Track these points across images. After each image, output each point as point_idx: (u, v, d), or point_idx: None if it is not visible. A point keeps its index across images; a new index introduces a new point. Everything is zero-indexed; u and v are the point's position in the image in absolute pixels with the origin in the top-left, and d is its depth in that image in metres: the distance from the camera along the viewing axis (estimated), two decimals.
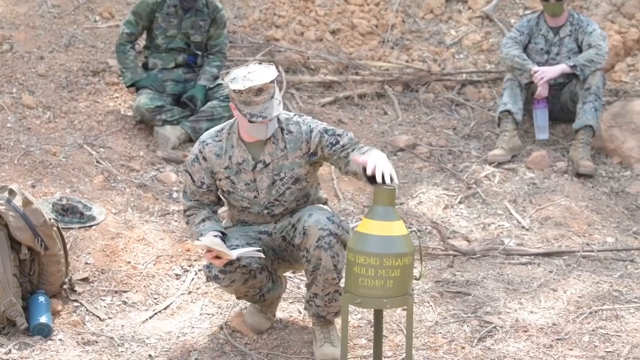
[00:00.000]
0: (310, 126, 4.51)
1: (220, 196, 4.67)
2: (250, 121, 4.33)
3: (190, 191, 4.62)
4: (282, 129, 4.50)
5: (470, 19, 9.12)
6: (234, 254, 4.36)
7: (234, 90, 4.33)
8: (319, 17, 8.90)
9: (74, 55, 7.68)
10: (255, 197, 4.56)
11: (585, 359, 4.70)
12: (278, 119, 4.49)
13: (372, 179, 4.20)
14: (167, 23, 7.08)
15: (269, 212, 4.61)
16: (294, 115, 4.57)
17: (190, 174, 4.59)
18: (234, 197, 4.59)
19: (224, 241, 4.45)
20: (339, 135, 4.48)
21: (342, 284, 4.50)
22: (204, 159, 4.54)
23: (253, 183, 4.53)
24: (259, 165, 4.50)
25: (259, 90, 4.29)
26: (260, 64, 4.44)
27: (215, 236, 4.46)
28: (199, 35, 7.14)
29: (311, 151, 4.51)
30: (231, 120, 4.60)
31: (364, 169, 4.21)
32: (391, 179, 4.17)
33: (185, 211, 4.69)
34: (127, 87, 7.17)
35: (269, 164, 4.50)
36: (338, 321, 4.66)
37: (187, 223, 4.69)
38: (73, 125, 6.92)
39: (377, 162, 4.18)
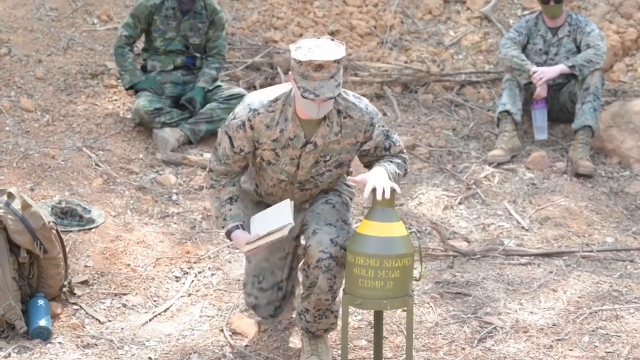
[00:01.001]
0: (372, 118, 4.33)
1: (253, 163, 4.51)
2: (302, 95, 4.10)
3: (224, 153, 4.39)
4: (339, 111, 4.29)
5: (468, 20, 9.12)
6: (288, 220, 4.31)
7: (294, 59, 4.10)
8: (317, 18, 8.90)
9: (72, 58, 7.67)
10: (295, 171, 4.41)
11: (586, 359, 4.69)
12: (336, 100, 4.27)
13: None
14: (166, 25, 7.07)
15: (301, 187, 4.48)
16: (356, 98, 4.35)
17: (231, 138, 4.34)
18: (272, 169, 4.42)
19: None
20: (394, 142, 4.40)
21: (336, 302, 4.47)
22: (251, 127, 4.30)
23: (297, 159, 4.36)
24: (309, 145, 4.31)
25: (319, 66, 4.05)
26: (332, 39, 4.19)
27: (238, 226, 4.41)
28: (198, 38, 7.14)
29: (365, 144, 4.37)
30: (287, 91, 4.33)
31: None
32: (393, 190, 4.15)
33: (210, 172, 4.47)
34: (126, 89, 7.17)
35: (319, 146, 4.32)
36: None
37: (209, 187, 4.48)
38: (72, 128, 6.92)
39: (376, 182, 4.15)
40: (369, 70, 8.34)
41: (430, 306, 5.28)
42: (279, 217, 4.37)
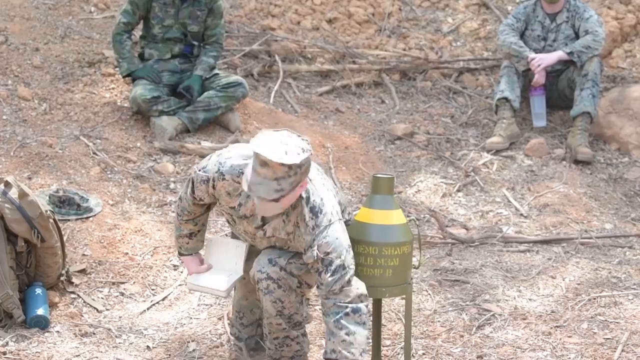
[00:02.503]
0: (314, 241, 3.95)
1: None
2: (244, 186, 3.87)
3: (187, 193, 4.24)
4: (299, 213, 4.01)
5: (467, 7, 9.10)
6: (222, 287, 4.34)
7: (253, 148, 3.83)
8: (315, 5, 8.87)
9: (70, 46, 7.65)
10: (252, 240, 4.26)
11: (584, 346, 4.69)
12: (302, 205, 3.99)
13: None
14: (164, 13, 7.05)
15: (268, 241, 4.26)
16: (316, 212, 3.98)
17: (193, 185, 4.17)
18: (232, 228, 4.34)
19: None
20: (327, 269, 3.94)
21: (298, 329, 4.23)
22: (213, 187, 4.11)
23: (252, 235, 4.20)
24: (260, 232, 4.12)
25: (264, 163, 3.77)
26: (299, 137, 3.89)
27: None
28: (196, 26, 7.11)
29: (304, 258, 4.05)
30: None
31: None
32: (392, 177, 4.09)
33: (179, 200, 4.33)
34: (124, 77, 7.15)
35: (271, 237, 4.12)
36: None
37: (175, 212, 4.39)
38: (69, 117, 6.90)
39: None
40: (367, 57, 8.32)
41: (429, 294, 5.28)
42: (229, 262, 4.38)
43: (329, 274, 3.93)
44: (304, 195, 3.98)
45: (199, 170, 4.16)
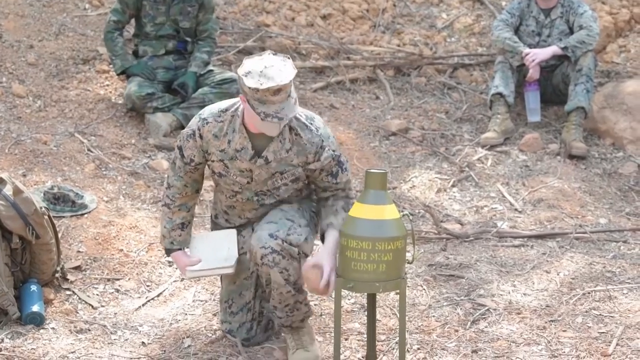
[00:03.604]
0: (322, 141, 4.29)
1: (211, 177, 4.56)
2: (264, 120, 4.06)
3: (179, 166, 4.42)
4: (290, 128, 4.27)
5: (461, 2, 9.10)
6: (229, 263, 4.51)
7: (248, 87, 4.03)
8: (309, 2, 8.87)
9: (64, 43, 7.64)
10: (248, 183, 4.40)
11: (579, 340, 4.70)
12: (292, 121, 4.27)
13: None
14: (155, 10, 7.05)
15: (259, 200, 4.46)
16: (308, 119, 4.31)
17: (181, 149, 4.37)
18: (225, 181, 4.43)
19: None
20: (342, 169, 4.35)
21: (302, 291, 4.42)
22: (200, 136, 4.31)
23: (248, 172, 4.35)
24: (259, 160, 4.30)
25: (277, 90, 4.01)
26: (275, 54, 4.14)
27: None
28: (188, 22, 7.12)
29: (311, 165, 4.33)
30: (236, 101, 4.33)
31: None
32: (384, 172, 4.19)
33: (167, 188, 4.49)
34: (118, 74, 7.15)
35: (271, 161, 4.31)
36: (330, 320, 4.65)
37: (164, 205, 4.53)
38: (64, 114, 6.90)
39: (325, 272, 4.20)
40: (361, 53, 8.33)
41: (424, 289, 5.29)
42: (221, 249, 4.52)
43: (345, 172, 4.37)
44: None
45: (183, 130, 4.41)
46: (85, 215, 5.77)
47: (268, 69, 4.05)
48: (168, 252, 4.62)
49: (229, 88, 7.01)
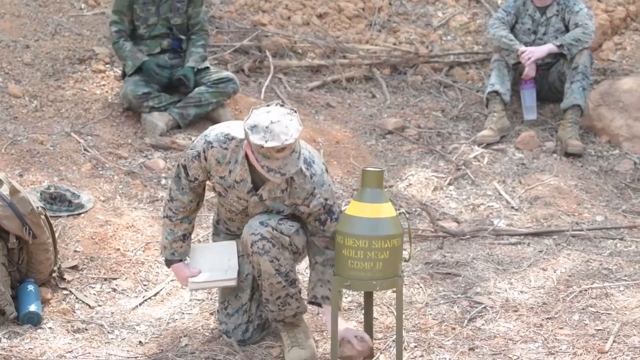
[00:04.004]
0: (314, 189, 4.31)
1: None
2: (267, 174, 4.13)
3: (182, 183, 4.46)
4: None
5: (457, 0, 9.10)
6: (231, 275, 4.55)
7: (253, 143, 4.07)
8: (305, 1, 8.87)
9: (60, 43, 7.64)
10: (244, 209, 4.46)
11: (575, 337, 4.71)
12: None
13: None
14: (146, 12, 7.06)
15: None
16: (305, 164, 4.30)
17: (185, 168, 4.42)
18: (224, 200, 4.50)
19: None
20: (331, 218, 4.35)
21: (295, 285, 4.43)
22: (205, 159, 4.36)
23: (245, 201, 4.41)
24: (255, 197, 4.36)
25: (282, 149, 4.06)
26: (282, 105, 4.18)
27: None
28: (179, 18, 7.12)
29: (300, 208, 4.35)
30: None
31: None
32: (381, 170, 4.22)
33: (170, 201, 4.53)
34: (130, 75, 7.07)
35: (266, 199, 4.36)
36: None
37: (165, 217, 4.56)
38: (60, 114, 6.90)
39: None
40: (357, 52, 8.33)
41: (420, 287, 5.29)
42: (221, 260, 4.56)
43: (334, 222, 4.33)
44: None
45: (189, 150, 4.41)
46: (82, 215, 5.77)
47: (274, 125, 4.07)
48: (168, 263, 4.66)
49: (225, 87, 7.01)
